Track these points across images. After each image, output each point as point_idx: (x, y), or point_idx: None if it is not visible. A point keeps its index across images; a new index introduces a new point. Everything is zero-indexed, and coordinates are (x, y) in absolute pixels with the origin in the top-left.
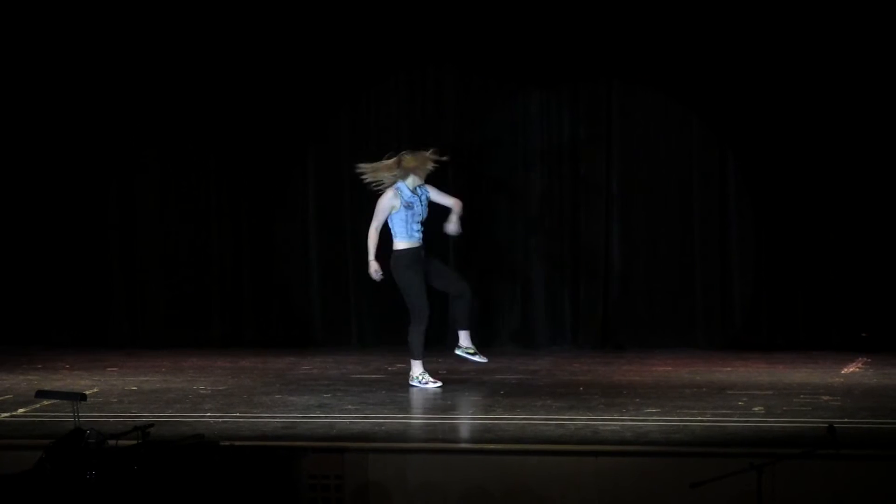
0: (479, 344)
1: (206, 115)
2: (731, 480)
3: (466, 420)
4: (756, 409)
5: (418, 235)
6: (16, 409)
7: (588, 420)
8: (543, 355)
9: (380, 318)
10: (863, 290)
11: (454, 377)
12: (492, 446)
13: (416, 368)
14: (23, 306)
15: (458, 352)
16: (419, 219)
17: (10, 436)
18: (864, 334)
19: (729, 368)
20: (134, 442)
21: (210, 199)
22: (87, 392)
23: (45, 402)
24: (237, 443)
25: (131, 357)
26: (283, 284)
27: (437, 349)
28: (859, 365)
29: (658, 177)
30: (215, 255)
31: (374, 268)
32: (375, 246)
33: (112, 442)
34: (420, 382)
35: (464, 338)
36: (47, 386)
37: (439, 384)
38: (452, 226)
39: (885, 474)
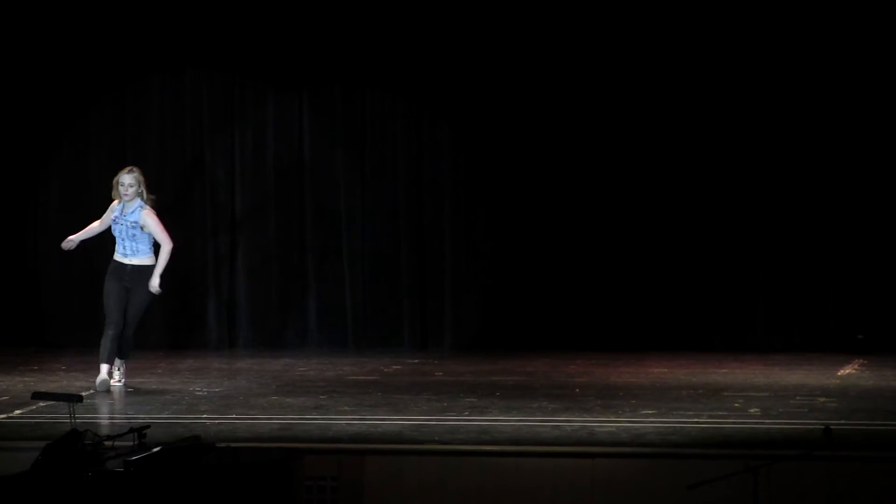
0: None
1: None
2: (727, 482)
3: (462, 422)
4: (752, 410)
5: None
6: (12, 411)
7: (584, 422)
8: (538, 357)
9: (374, 320)
10: (859, 291)
11: (450, 379)
12: (488, 448)
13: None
14: (19, 308)
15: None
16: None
17: (7, 437)
18: (860, 336)
19: (725, 370)
20: (130, 443)
21: (205, 204)
22: (83, 394)
23: (42, 404)
24: (233, 444)
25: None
26: (278, 285)
27: (435, 351)
28: (855, 366)
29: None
30: (211, 258)
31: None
32: None
33: (108, 443)
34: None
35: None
36: (43, 387)
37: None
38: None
39: (881, 476)
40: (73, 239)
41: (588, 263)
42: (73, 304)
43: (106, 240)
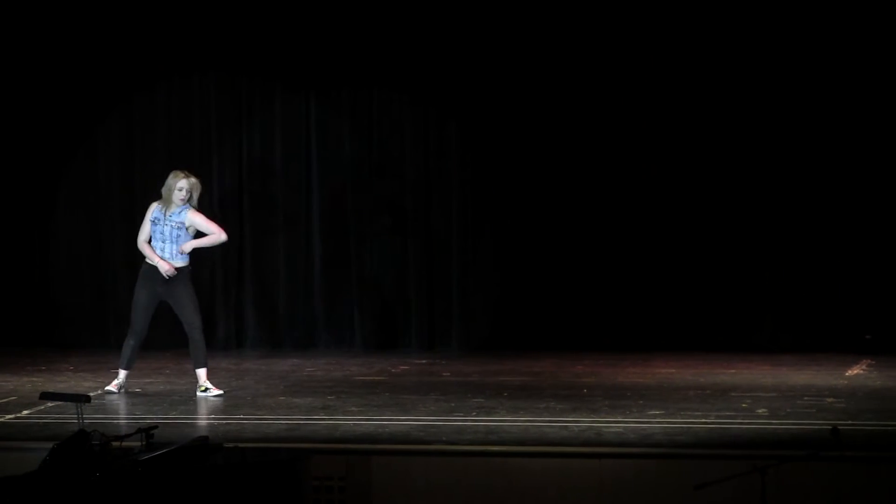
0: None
1: None
2: (734, 482)
3: (470, 422)
4: (760, 410)
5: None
6: (20, 411)
7: (592, 422)
8: (545, 357)
9: (382, 320)
10: (867, 291)
11: (457, 379)
12: (495, 448)
13: (120, 376)
14: (27, 308)
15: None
16: (160, 238)
17: (15, 437)
18: (868, 336)
19: (733, 370)
20: (138, 444)
21: (212, 204)
22: (91, 394)
23: (50, 404)
24: (241, 444)
25: None
26: (286, 285)
27: (443, 351)
28: (863, 367)
29: None
30: (218, 258)
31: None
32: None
33: (116, 444)
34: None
35: (198, 376)
36: (51, 388)
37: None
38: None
39: (889, 476)
40: (171, 263)
41: (595, 263)
42: (82, 305)
43: (112, 239)
